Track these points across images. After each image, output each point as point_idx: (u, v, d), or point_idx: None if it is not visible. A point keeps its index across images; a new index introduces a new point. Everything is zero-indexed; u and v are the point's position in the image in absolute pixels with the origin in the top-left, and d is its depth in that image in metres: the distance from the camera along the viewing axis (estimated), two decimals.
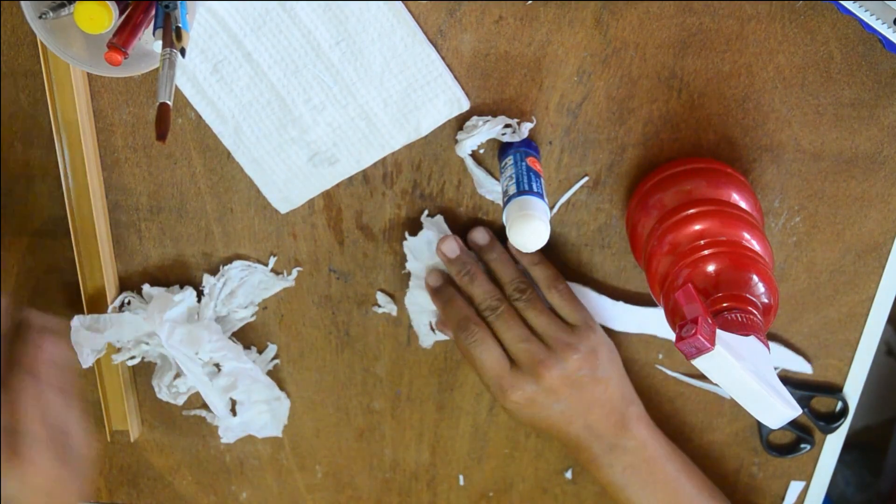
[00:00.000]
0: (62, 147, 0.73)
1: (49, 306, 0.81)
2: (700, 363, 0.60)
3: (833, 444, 0.86)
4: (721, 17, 0.68)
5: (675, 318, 0.65)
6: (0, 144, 0.74)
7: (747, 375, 0.60)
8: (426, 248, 0.77)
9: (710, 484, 0.82)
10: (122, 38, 0.56)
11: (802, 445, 0.87)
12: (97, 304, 0.79)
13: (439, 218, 0.76)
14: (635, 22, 0.68)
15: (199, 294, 0.80)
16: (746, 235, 0.66)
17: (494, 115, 0.72)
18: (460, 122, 0.73)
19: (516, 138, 0.72)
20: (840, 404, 0.85)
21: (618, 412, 0.77)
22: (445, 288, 0.77)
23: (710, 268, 0.65)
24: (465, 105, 0.71)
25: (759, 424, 0.86)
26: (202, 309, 0.79)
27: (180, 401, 0.82)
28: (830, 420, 0.86)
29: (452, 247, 0.76)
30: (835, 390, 0.84)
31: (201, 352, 0.78)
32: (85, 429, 0.72)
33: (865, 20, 0.64)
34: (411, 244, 0.77)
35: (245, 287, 0.79)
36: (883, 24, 0.63)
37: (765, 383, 0.60)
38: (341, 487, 0.91)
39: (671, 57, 0.70)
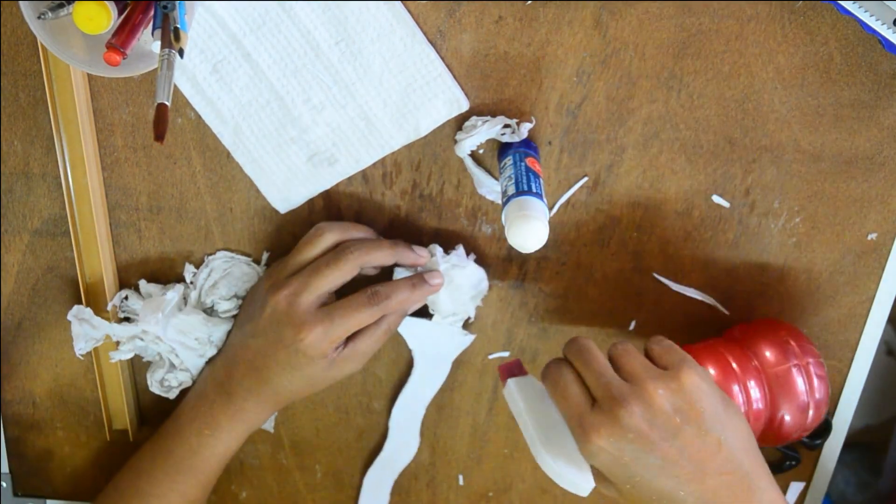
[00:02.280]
0: (62, 147, 0.73)
1: (49, 306, 0.81)
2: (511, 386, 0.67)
3: (832, 446, 0.86)
4: (720, 17, 0.68)
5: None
6: (0, 144, 0.75)
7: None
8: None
9: None
10: (121, 38, 0.56)
11: (788, 463, 0.87)
12: (97, 304, 0.79)
13: None
14: (634, 22, 0.68)
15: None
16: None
17: (494, 116, 0.72)
18: (459, 123, 0.73)
19: (515, 138, 0.72)
20: (822, 421, 0.85)
21: (744, 484, 0.62)
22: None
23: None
24: (465, 105, 0.71)
25: None
26: (189, 294, 0.80)
27: (171, 395, 0.82)
28: (814, 437, 0.86)
29: None
30: None
31: (200, 334, 0.78)
32: None
33: (865, 21, 0.64)
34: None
35: (228, 279, 0.79)
36: (882, 24, 0.63)
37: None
38: (341, 487, 0.91)
39: (671, 57, 0.70)
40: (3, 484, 0.90)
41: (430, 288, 0.75)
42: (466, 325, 0.81)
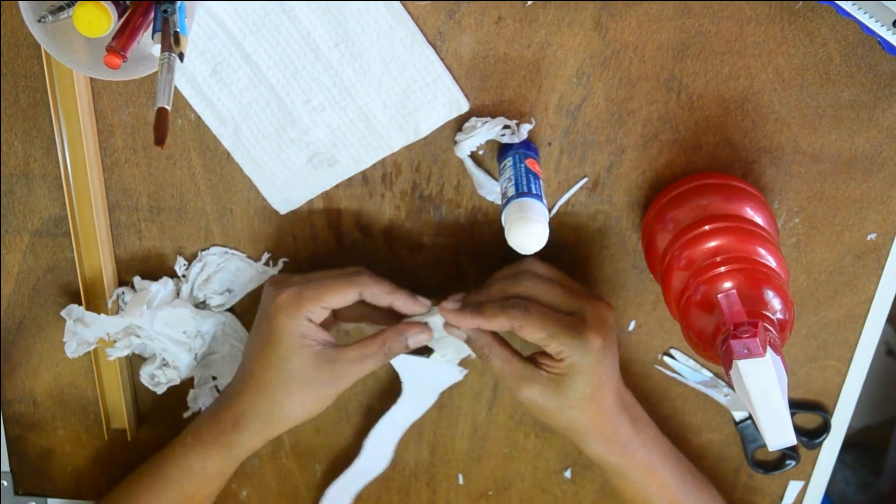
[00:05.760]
0: (63, 147, 0.73)
1: (49, 306, 0.81)
2: (744, 366, 0.60)
3: (831, 445, 0.87)
4: (720, 18, 0.68)
5: (692, 330, 0.66)
6: (0, 144, 0.75)
7: (779, 391, 0.60)
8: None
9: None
10: (121, 41, 0.56)
11: (788, 462, 0.87)
12: (97, 305, 0.79)
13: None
14: (634, 24, 0.68)
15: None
16: (762, 251, 0.67)
17: (493, 117, 0.72)
18: (459, 124, 0.73)
19: (515, 139, 0.72)
20: (822, 420, 0.85)
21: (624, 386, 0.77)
22: (468, 304, 0.74)
23: (727, 284, 0.65)
24: (465, 106, 0.71)
25: (744, 441, 0.86)
26: (181, 287, 0.80)
27: (160, 390, 0.82)
28: (813, 436, 0.86)
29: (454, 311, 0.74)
30: (816, 407, 0.85)
31: (188, 328, 0.78)
32: None
33: (864, 22, 0.64)
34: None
35: (222, 273, 0.79)
36: (882, 26, 0.63)
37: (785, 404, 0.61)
38: None
39: (670, 59, 0.70)
40: (4, 483, 0.90)
41: (416, 339, 0.74)
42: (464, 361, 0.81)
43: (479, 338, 0.73)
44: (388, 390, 0.85)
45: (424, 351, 0.78)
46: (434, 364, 0.78)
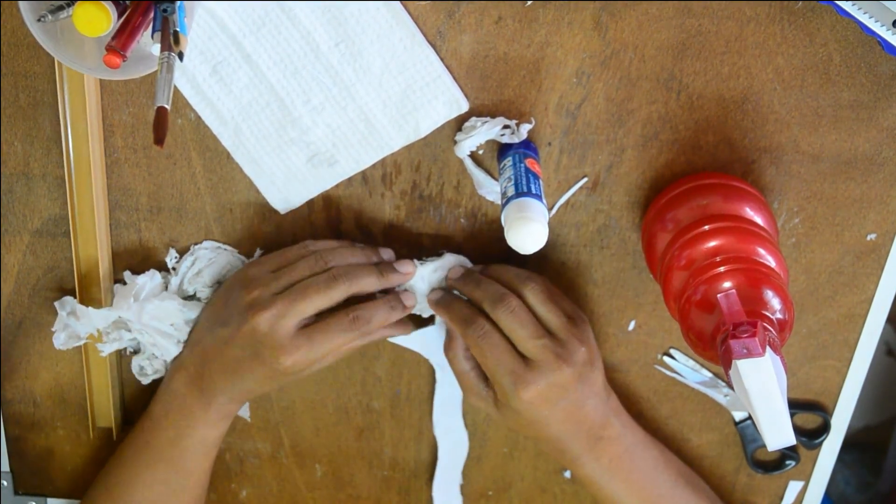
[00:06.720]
0: (68, 146, 0.73)
1: (49, 306, 0.81)
2: (743, 365, 0.60)
3: (831, 445, 0.87)
4: (720, 18, 0.68)
5: (691, 330, 0.66)
6: (0, 144, 0.75)
7: (778, 391, 0.60)
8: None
9: (686, 470, 0.84)
10: (121, 40, 0.56)
11: (787, 462, 0.87)
12: (96, 304, 0.79)
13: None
14: (634, 24, 0.68)
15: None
16: (761, 251, 0.67)
17: (493, 116, 0.72)
18: (459, 123, 0.73)
19: (515, 139, 0.72)
20: (821, 420, 0.85)
21: (603, 401, 0.76)
22: (447, 295, 0.76)
23: (727, 284, 0.65)
24: (464, 106, 0.72)
25: (743, 441, 0.86)
26: (170, 280, 0.80)
27: (145, 381, 0.82)
28: (813, 436, 0.86)
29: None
30: (816, 407, 0.85)
31: (175, 320, 0.78)
32: None
33: (864, 22, 0.64)
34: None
35: (213, 267, 0.79)
36: (882, 26, 0.63)
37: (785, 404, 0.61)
38: (341, 486, 0.91)
39: (670, 59, 0.70)
40: (4, 483, 0.90)
41: (406, 309, 0.76)
42: None
43: (450, 340, 0.77)
44: (389, 390, 0.86)
45: (428, 321, 0.80)
46: (443, 327, 0.79)
